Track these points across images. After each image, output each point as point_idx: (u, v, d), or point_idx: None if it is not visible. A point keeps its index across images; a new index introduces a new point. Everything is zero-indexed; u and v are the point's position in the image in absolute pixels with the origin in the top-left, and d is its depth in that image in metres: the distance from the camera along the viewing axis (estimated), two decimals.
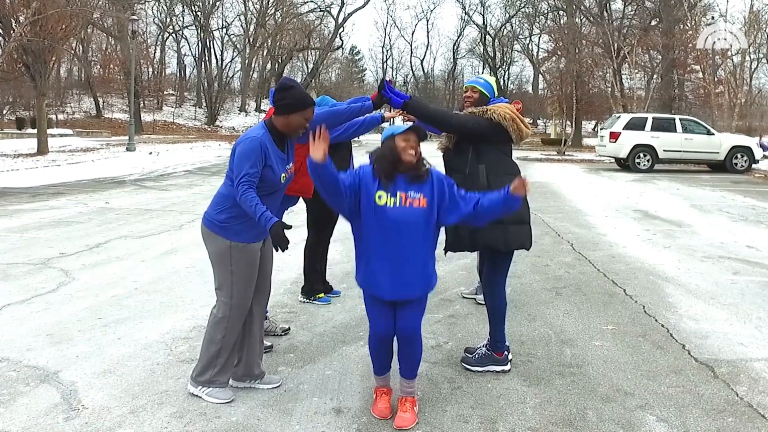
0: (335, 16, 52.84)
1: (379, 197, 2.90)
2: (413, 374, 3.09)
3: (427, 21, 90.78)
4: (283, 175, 3.10)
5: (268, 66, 53.18)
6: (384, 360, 3.10)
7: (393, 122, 3.52)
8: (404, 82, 59.16)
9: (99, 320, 4.39)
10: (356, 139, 5.09)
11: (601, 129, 23.30)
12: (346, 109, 3.42)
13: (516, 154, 3.64)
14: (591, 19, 38.68)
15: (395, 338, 3.06)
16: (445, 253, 3.68)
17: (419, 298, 3.00)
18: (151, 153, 23.23)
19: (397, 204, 2.89)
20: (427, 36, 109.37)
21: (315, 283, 4.95)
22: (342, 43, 56.98)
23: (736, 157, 19.78)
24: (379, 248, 2.92)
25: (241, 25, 54.35)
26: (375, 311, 3.03)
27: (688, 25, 32.67)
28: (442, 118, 3.58)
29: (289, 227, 2.90)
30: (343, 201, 2.90)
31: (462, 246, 3.61)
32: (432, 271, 3.04)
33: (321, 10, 53.18)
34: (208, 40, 53.07)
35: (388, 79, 3.51)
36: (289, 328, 4.25)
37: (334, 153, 4.65)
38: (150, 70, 53.80)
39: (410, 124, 3.02)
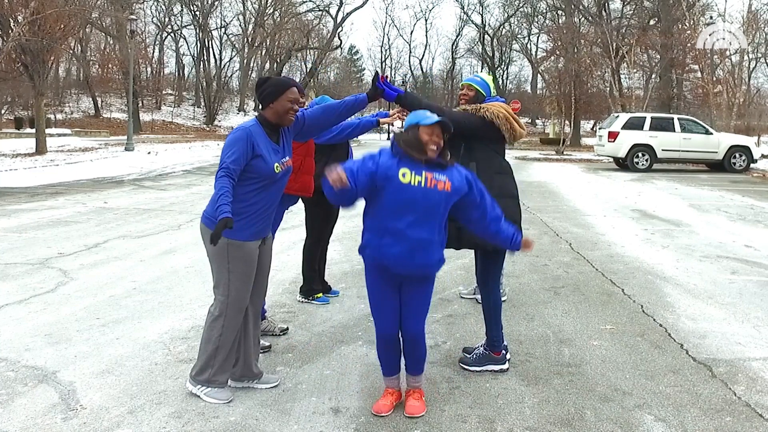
0: (334, 16, 52.83)
1: (403, 175, 2.90)
2: (419, 370, 3.18)
3: (426, 20, 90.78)
4: (276, 165, 3.09)
5: (267, 66, 53.13)
6: (392, 360, 3.16)
7: (390, 127, 3.51)
8: (403, 82, 59.14)
9: (97, 320, 4.38)
10: (355, 138, 5.09)
11: (599, 128, 23.32)
12: (340, 104, 3.41)
13: (515, 153, 3.66)
14: (589, 18, 38.72)
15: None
16: None
17: (426, 275, 3.04)
18: (149, 153, 23.22)
19: (422, 183, 2.90)
20: (426, 35, 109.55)
21: (313, 283, 4.95)
22: (341, 43, 56.96)
23: (735, 157, 19.81)
24: (396, 225, 2.91)
25: (240, 25, 54.43)
26: (379, 307, 3.07)
27: (687, 24, 32.72)
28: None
29: (231, 227, 2.78)
30: (356, 198, 2.93)
31: (448, 243, 3.60)
32: (441, 254, 3.06)
33: (320, 10, 53.16)
34: (206, 40, 53.04)
35: (384, 75, 3.49)
36: (287, 328, 4.25)
37: (331, 153, 4.68)
38: (148, 69, 53.75)
39: (437, 118, 3.00)
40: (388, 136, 44.39)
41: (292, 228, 7.19)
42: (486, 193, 3.10)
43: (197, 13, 51.37)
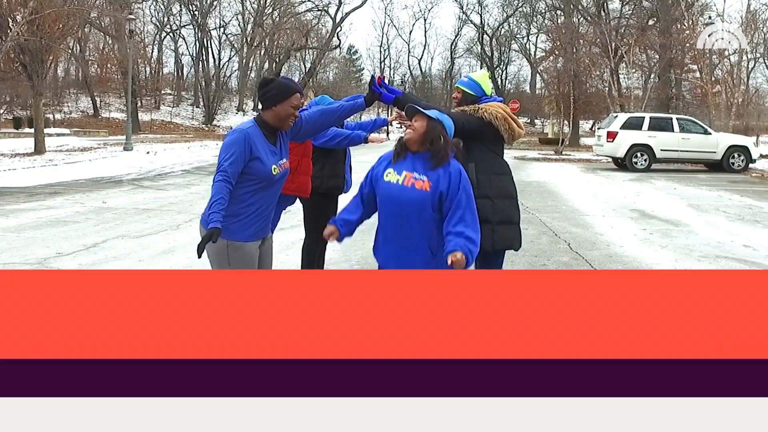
0: (333, 16, 52.85)
1: (387, 174, 3.02)
2: None
3: (425, 20, 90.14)
4: (274, 166, 3.08)
5: (266, 65, 53.13)
6: None
7: (389, 127, 3.54)
8: (402, 82, 59.16)
9: None
10: None
11: (598, 128, 23.35)
12: (338, 108, 3.39)
13: (514, 153, 3.66)
14: (588, 18, 38.72)
15: None
16: None
17: None
18: (148, 152, 23.20)
19: (400, 182, 2.96)
20: (425, 35, 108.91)
21: None
22: (340, 43, 56.95)
23: (733, 157, 19.80)
24: (385, 223, 3.05)
25: (239, 25, 54.32)
26: None
27: (686, 24, 32.76)
28: None
29: (215, 241, 2.79)
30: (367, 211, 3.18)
31: None
32: (430, 257, 2.96)
33: (318, 10, 53.13)
34: (205, 40, 52.97)
35: (383, 76, 3.46)
36: None
37: (329, 154, 4.68)
38: (147, 69, 53.71)
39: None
40: (387, 136, 44.47)
41: (290, 228, 7.19)
42: (467, 212, 2.89)
43: (196, 12, 51.36)
